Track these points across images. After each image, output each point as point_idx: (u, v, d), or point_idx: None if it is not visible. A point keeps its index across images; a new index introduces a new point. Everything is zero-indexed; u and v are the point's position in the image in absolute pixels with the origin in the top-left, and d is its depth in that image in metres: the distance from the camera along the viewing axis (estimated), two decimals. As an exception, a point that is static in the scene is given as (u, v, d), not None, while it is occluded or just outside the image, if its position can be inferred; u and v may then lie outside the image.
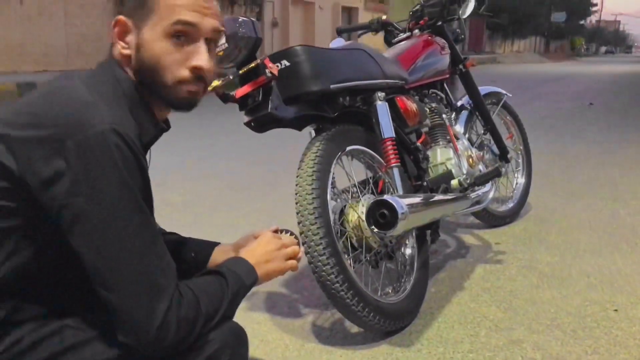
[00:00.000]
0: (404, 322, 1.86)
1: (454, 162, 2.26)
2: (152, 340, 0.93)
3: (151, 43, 1.03)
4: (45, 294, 1.00)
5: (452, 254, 2.58)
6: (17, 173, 0.92)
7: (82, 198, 0.90)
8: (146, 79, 1.05)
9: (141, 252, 0.93)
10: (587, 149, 5.10)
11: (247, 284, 1.11)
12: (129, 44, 1.06)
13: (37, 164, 0.91)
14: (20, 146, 0.92)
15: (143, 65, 1.05)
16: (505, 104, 2.98)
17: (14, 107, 1.00)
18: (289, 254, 1.24)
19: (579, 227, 2.93)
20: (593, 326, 1.89)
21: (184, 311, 0.96)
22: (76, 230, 0.92)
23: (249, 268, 1.14)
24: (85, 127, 0.91)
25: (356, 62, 1.92)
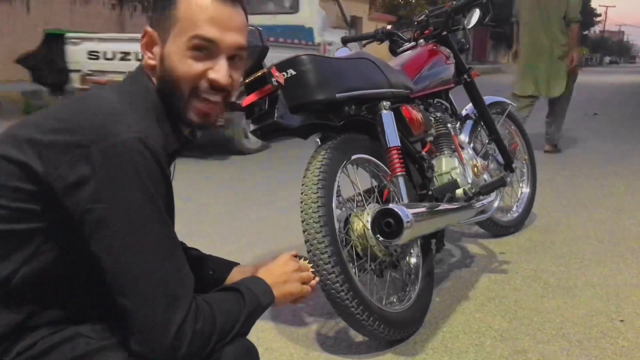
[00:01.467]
0: (408, 331, 1.85)
1: (459, 172, 2.26)
2: (166, 350, 0.92)
3: (172, 55, 1.04)
4: (62, 300, 1.00)
5: (456, 263, 2.58)
6: (42, 176, 0.93)
7: (105, 204, 0.91)
8: (166, 90, 1.06)
9: (160, 260, 0.94)
10: (592, 159, 5.10)
11: (263, 304, 1.11)
12: (154, 54, 1.07)
13: (62, 169, 0.92)
14: (47, 150, 0.94)
15: (164, 77, 1.06)
16: (510, 114, 2.99)
17: (44, 113, 1.02)
18: (305, 278, 1.23)
19: (584, 237, 2.92)
20: (599, 336, 1.88)
21: (200, 325, 0.95)
22: (97, 236, 0.92)
23: (266, 288, 1.13)
24: (112, 134, 0.92)
25: (362, 72, 1.93)
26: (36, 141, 0.95)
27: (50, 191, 0.93)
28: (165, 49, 1.05)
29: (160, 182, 0.95)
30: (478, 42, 30.74)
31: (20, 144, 0.96)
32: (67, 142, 0.93)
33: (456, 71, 2.58)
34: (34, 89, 7.84)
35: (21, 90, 7.69)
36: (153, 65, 1.07)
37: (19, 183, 0.94)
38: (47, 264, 0.97)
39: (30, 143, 0.95)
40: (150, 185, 0.93)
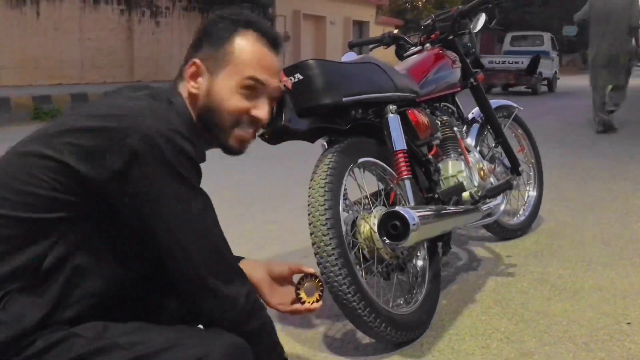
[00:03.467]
0: (415, 333, 1.87)
1: (465, 175, 2.28)
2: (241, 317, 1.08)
3: (223, 90, 1.17)
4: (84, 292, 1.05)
5: (463, 266, 2.58)
6: (79, 170, 1.00)
7: (153, 187, 1.01)
8: (207, 119, 1.18)
9: (210, 229, 1.08)
10: (599, 163, 5.09)
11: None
12: (199, 85, 1.18)
13: (102, 159, 1.00)
14: (83, 141, 1.01)
15: (209, 106, 1.17)
16: (517, 117, 3.00)
17: (81, 110, 1.11)
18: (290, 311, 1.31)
19: (591, 240, 2.92)
20: (606, 339, 1.89)
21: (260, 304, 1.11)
22: (147, 214, 1.02)
23: None
24: (149, 124, 1.01)
25: (368, 75, 1.95)
26: (71, 133, 1.02)
27: (88, 182, 1.00)
28: (215, 82, 1.17)
29: (193, 168, 1.06)
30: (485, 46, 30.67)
31: (53, 138, 1.03)
32: (105, 132, 1.00)
33: (462, 75, 2.59)
34: (43, 94, 7.92)
35: (31, 94, 7.75)
36: (195, 94, 1.18)
37: (54, 176, 1.01)
38: (69, 252, 1.02)
39: (65, 136, 1.02)
40: (185, 169, 1.03)
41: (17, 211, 1.00)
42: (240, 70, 1.17)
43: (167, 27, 13.35)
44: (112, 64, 12.02)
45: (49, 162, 1.01)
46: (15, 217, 1.00)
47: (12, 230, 1.00)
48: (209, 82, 1.17)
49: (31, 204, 1.01)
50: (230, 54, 1.17)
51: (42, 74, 10.67)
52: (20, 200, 1.01)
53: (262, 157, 5.17)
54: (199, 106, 1.18)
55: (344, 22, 22.25)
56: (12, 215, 1.00)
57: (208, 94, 1.17)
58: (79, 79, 11.27)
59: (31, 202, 1.01)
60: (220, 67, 1.17)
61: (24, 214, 1.00)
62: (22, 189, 1.01)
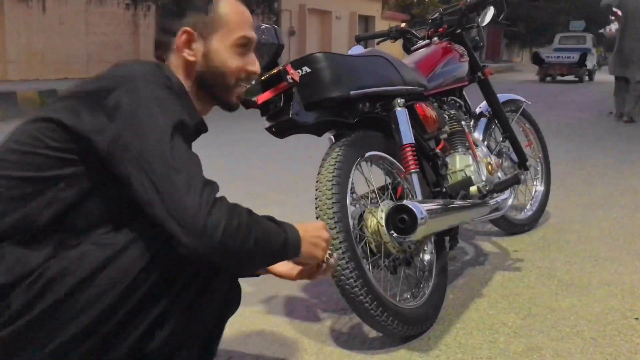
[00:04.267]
0: (422, 327, 1.86)
1: (473, 169, 2.27)
2: (202, 232, 0.98)
3: (221, 52, 1.24)
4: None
5: (470, 261, 2.58)
6: (71, 125, 1.05)
7: (130, 130, 1.03)
8: (209, 81, 1.25)
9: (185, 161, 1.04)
10: (607, 158, 5.06)
11: (291, 248, 1.18)
12: (194, 51, 1.22)
13: (91, 113, 1.05)
14: (75, 101, 1.08)
15: (209, 69, 1.23)
16: (524, 112, 2.98)
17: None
18: (324, 248, 1.29)
19: (599, 235, 2.91)
20: (614, 334, 1.88)
21: (236, 220, 1.02)
22: (125, 157, 1.03)
23: (298, 239, 1.20)
24: (137, 78, 1.08)
25: (376, 69, 1.94)
26: (67, 98, 1.10)
27: (78, 136, 1.05)
28: (212, 46, 1.23)
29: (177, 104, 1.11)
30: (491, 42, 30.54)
31: (52, 107, 1.11)
32: (94, 90, 1.08)
33: (470, 69, 2.58)
34: (50, 88, 7.94)
35: (37, 89, 7.78)
36: (192, 60, 1.22)
37: (48, 133, 1.06)
38: (65, 206, 1.07)
39: (62, 101, 1.10)
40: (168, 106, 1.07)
41: (14, 170, 1.06)
42: (232, 31, 1.24)
43: (173, 21, 13.36)
44: (117, 58, 12.00)
45: (45, 123, 1.07)
46: (10, 176, 1.06)
47: (8, 190, 1.06)
48: (205, 47, 1.23)
49: (27, 163, 1.07)
50: (219, 17, 1.23)
51: (48, 68, 10.70)
52: (17, 160, 1.07)
53: (269, 152, 5.17)
54: (197, 71, 1.23)
55: (349, 17, 22.18)
56: (6, 175, 1.06)
57: (207, 58, 1.23)
58: (84, 73, 11.28)
59: (27, 161, 1.07)
60: (212, 31, 1.23)
61: (20, 172, 1.06)
62: (19, 149, 1.08)
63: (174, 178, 1.00)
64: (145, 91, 1.06)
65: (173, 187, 1.00)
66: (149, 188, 1.01)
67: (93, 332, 1.04)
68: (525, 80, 17.91)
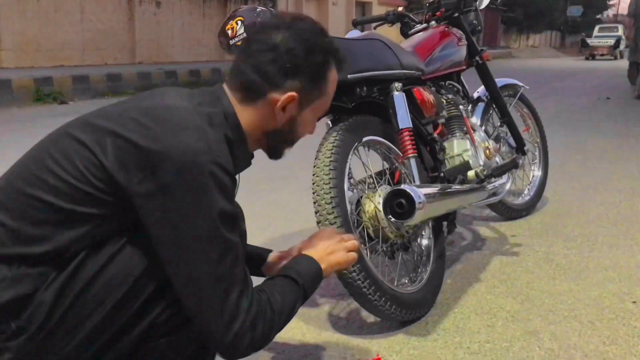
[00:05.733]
0: (420, 312, 1.86)
1: (470, 154, 2.25)
2: (226, 349, 1.07)
3: (306, 121, 1.25)
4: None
5: (468, 246, 2.58)
6: (115, 175, 1.02)
7: (171, 216, 1.01)
8: (278, 138, 1.24)
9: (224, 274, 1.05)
10: (605, 143, 5.06)
11: (314, 287, 1.26)
12: (285, 114, 1.19)
13: (136, 174, 1.01)
14: (124, 152, 1.02)
15: (286, 130, 1.22)
16: (522, 96, 2.97)
17: (125, 109, 1.10)
18: (349, 247, 1.35)
19: (597, 220, 2.91)
20: (611, 317, 1.88)
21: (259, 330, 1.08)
22: (161, 244, 1.03)
23: (316, 269, 1.26)
24: (190, 151, 1.01)
25: (373, 52, 1.92)
26: (115, 137, 1.03)
27: (119, 190, 1.02)
28: (302, 114, 1.22)
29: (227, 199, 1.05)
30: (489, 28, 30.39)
31: (99, 135, 1.04)
32: (146, 150, 1.01)
33: (468, 53, 2.56)
34: (45, 76, 7.88)
35: (32, 76, 7.72)
36: (275, 121, 1.20)
37: (92, 169, 1.03)
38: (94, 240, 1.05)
39: (110, 137, 1.03)
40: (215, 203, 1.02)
41: (49, 195, 1.03)
42: (325, 102, 1.26)
43: (168, 8, 13.23)
44: (113, 46, 11.94)
45: (89, 154, 1.03)
46: (45, 200, 1.03)
47: (39, 213, 1.03)
48: (295, 114, 1.21)
49: (66, 194, 1.03)
50: (322, 90, 1.23)
51: (43, 56, 10.62)
52: (57, 186, 1.03)
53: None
54: (272, 127, 1.21)
55: (346, 3, 22.02)
56: (41, 198, 1.03)
57: (290, 123, 1.21)
58: (80, 60, 11.20)
59: (67, 192, 1.03)
60: (311, 101, 1.22)
61: (57, 200, 1.03)
62: (60, 176, 1.03)
63: (209, 288, 1.03)
64: (197, 180, 1.01)
65: (206, 299, 1.04)
66: (183, 286, 1.04)
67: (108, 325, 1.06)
68: (523, 66, 17.86)
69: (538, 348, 1.70)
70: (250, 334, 1.06)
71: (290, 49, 1.16)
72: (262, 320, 1.08)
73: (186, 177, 1.00)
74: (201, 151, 1.02)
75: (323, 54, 1.20)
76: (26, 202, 1.04)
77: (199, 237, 1.02)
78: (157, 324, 1.10)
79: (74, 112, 6.45)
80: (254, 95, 1.18)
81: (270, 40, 1.16)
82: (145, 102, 1.12)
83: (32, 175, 1.05)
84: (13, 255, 1.02)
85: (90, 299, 1.03)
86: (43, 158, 1.07)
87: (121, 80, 8.87)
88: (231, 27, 1.57)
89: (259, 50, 1.17)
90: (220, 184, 1.03)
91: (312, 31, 1.20)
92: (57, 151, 1.06)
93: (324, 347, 1.71)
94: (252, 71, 1.16)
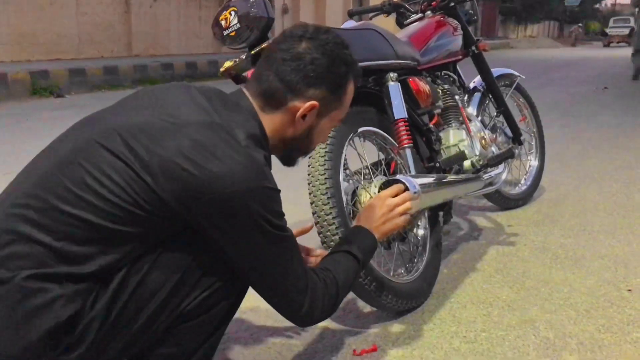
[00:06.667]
0: (416, 301, 1.87)
1: (466, 144, 2.25)
2: (302, 320, 1.24)
3: (323, 130, 1.29)
4: None
5: (464, 235, 2.58)
6: (167, 201, 1.04)
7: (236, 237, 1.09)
8: (295, 145, 1.28)
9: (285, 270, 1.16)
10: (602, 133, 5.06)
11: (369, 252, 1.43)
12: (305, 122, 1.23)
13: (185, 198, 1.04)
14: (171, 173, 1.03)
15: (304, 138, 1.27)
16: (518, 86, 2.96)
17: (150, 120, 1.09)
18: (401, 212, 1.50)
19: (593, 209, 2.92)
20: (606, 306, 1.89)
21: (327, 300, 1.24)
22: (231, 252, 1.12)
23: (372, 241, 1.43)
24: (238, 180, 1.05)
25: (368, 42, 1.92)
26: (162, 161, 1.03)
27: (170, 212, 1.05)
28: (320, 123, 1.26)
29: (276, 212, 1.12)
30: (486, 18, 30.29)
31: (140, 153, 1.03)
32: (199, 179, 1.03)
33: (464, 43, 2.55)
34: (41, 69, 7.85)
35: (28, 70, 7.69)
36: (294, 129, 1.23)
37: (141, 193, 1.03)
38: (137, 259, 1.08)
39: (155, 157, 1.03)
40: (269, 223, 1.10)
41: (98, 217, 1.02)
42: (341, 113, 1.30)
43: (164, 1, 13.17)
44: (109, 39, 11.88)
45: (134, 176, 1.03)
46: (94, 223, 1.02)
47: (89, 234, 1.03)
48: (314, 122, 1.24)
49: (111, 213, 1.03)
50: (341, 101, 1.27)
51: (39, 49, 10.57)
52: (101, 207, 1.02)
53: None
54: (290, 135, 1.24)
55: (343, -6, 21.92)
56: (90, 220, 1.02)
57: (308, 131, 1.25)
58: (76, 54, 11.15)
59: (112, 211, 1.02)
60: (329, 110, 1.25)
61: (104, 222, 1.03)
62: (103, 195, 1.02)
63: (283, 283, 1.16)
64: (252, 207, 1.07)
65: (281, 293, 1.18)
66: (262, 288, 1.19)
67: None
68: (521, 56, 17.83)
69: (534, 337, 1.70)
70: (321, 309, 1.22)
71: (315, 58, 1.19)
72: (329, 296, 1.23)
73: (240, 204, 1.05)
74: (252, 178, 1.06)
75: (345, 66, 1.24)
76: (68, 221, 1.02)
77: (263, 251, 1.11)
78: (183, 313, 1.13)
79: (71, 106, 6.45)
80: (276, 102, 1.20)
81: (294, 49, 1.20)
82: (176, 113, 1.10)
83: (71, 193, 1.03)
84: (61, 274, 1.01)
85: (135, 308, 1.07)
86: (79, 173, 1.04)
87: (118, 73, 8.84)
88: (224, 17, 1.56)
89: (283, 59, 1.19)
90: (272, 201, 1.11)
91: (335, 43, 1.23)
92: (93, 166, 1.04)
93: (321, 337, 1.72)
94: (275, 79, 1.19)
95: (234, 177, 1.04)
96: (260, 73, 1.22)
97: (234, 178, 1.04)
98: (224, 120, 1.12)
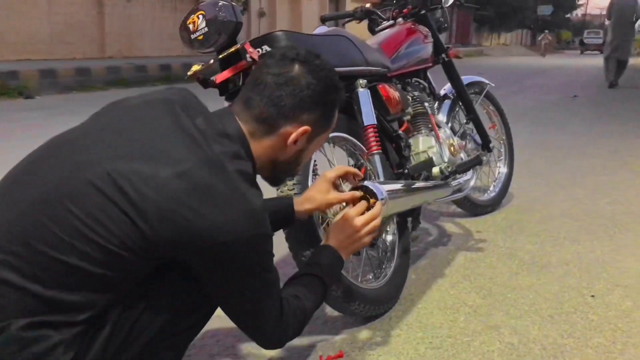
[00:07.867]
0: (384, 307, 1.87)
1: (435, 150, 2.27)
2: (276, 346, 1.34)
3: (311, 152, 1.31)
4: None
5: (433, 241, 2.60)
6: (157, 245, 1.02)
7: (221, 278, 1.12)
8: (283, 167, 1.27)
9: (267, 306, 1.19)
10: (570, 140, 5.15)
11: (336, 274, 1.50)
12: (297, 146, 1.22)
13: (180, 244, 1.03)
14: (166, 220, 1.00)
15: (292, 160, 1.26)
16: (488, 94, 3.00)
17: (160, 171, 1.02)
18: (369, 231, 1.49)
19: (560, 216, 2.96)
20: (570, 311, 1.92)
21: (297, 327, 1.28)
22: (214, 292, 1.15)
23: (337, 259, 1.45)
24: (234, 229, 1.04)
25: (338, 49, 1.92)
26: (157, 209, 1.00)
27: (164, 256, 1.06)
28: (309, 146, 1.27)
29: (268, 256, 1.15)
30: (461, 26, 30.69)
31: (132, 197, 0.99)
32: (194, 228, 1.01)
33: (434, 50, 2.58)
34: (11, 69, 7.70)
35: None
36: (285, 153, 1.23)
37: (134, 240, 1.00)
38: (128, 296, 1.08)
39: (149, 204, 1.00)
40: (259, 266, 1.13)
41: (89, 264, 1.00)
42: (328, 136, 1.33)
43: (139, 1, 13.03)
44: (82, 40, 11.71)
45: (126, 220, 0.99)
46: (85, 270, 1.00)
47: (81, 282, 1.00)
48: (304, 145, 1.25)
49: (103, 260, 1.00)
50: (330, 124, 1.29)
51: (9, 49, 10.36)
52: (92, 254, 0.99)
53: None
54: (279, 159, 1.24)
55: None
56: (81, 267, 0.99)
57: (297, 154, 1.25)
58: (47, 54, 10.96)
59: (103, 258, 1.00)
60: (319, 133, 1.26)
61: (95, 268, 1.00)
62: (94, 240, 0.99)
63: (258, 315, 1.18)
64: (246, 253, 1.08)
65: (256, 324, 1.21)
66: (237, 318, 1.21)
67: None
68: (494, 64, 18.09)
69: (498, 342, 1.72)
70: (289, 336, 1.27)
71: (310, 83, 1.20)
72: (297, 322, 1.27)
73: (235, 252, 1.06)
74: (249, 228, 1.05)
75: (336, 91, 1.26)
76: (57, 269, 0.98)
77: (247, 288, 1.13)
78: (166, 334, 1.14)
79: (40, 107, 6.34)
80: (267, 128, 1.19)
81: (288, 74, 1.19)
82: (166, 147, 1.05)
83: (58, 238, 0.98)
84: (56, 322, 0.99)
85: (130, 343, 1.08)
86: (66, 217, 0.99)
87: (90, 75, 8.72)
88: (192, 21, 1.55)
89: (277, 84, 1.18)
90: (265, 245, 1.12)
91: (329, 69, 1.25)
92: (82, 211, 0.99)
93: (288, 344, 1.69)
94: (268, 103, 1.18)
95: (232, 226, 1.03)
96: (250, 97, 1.19)
97: (232, 227, 1.03)
98: (215, 152, 1.07)
